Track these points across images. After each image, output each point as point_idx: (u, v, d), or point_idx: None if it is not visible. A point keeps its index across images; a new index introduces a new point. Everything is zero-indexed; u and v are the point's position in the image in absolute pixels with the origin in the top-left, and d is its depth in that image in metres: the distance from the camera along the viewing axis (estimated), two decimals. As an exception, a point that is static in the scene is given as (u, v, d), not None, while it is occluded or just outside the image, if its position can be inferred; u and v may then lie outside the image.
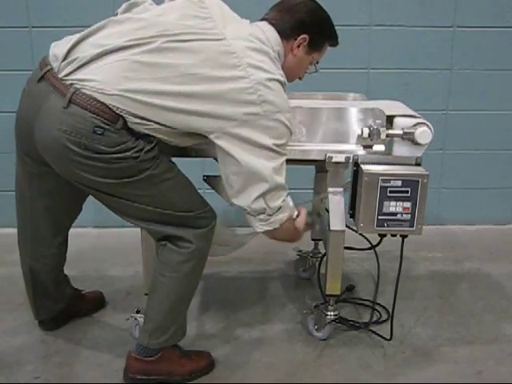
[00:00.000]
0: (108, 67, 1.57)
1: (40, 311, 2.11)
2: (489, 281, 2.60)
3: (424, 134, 1.85)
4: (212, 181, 2.02)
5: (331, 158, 1.90)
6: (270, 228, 1.72)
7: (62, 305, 2.14)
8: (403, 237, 1.93)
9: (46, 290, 2.07)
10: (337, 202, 1.94)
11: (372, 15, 2.88)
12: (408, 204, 1.83)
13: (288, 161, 2.00)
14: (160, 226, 1.75)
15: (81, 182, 1.67)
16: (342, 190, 1.95)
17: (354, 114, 1.90)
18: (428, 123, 1.87)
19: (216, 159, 1.71)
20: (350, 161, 1.91)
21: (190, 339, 2.11)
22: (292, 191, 3.07)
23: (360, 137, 1.89)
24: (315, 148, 1.92)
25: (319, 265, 2.35)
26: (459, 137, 3.09)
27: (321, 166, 2.20)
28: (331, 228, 1.94)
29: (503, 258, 2.84)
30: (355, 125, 1.90)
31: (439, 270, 2.71)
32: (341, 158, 1.90)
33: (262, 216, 1.71)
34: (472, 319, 2.27)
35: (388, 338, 2.10)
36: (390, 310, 2.12)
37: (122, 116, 1.57)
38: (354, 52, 2.92)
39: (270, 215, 1.71)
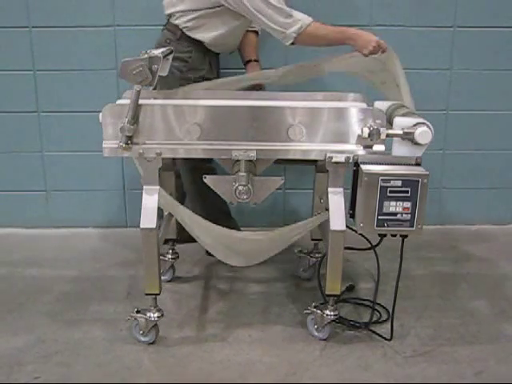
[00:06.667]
0: None
1: None
2: (489, 281, 2.60)
3: (424, 134, 1.85)
4: (212, 181, 2.02)
5: (331, 158, 1.90)
6: (290, 39, 2.17)
7: None
8: (403, 237, 1.93)
9: None
10: (337, 202, 1.95)
11: (372, 15, 2.88)
12: (408, 204, 1.83)
13: (288, 161, 2.01)
14: None
15: None
16: (341, 189, 1.95)
17: (354, 114, 1.90)
18: (428, 123, 1.87)
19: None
20: (350, 161, 1.91)
21: (190, 339, 2.11)
22: (292, 191, 3.12)
23: (360, 137, 1.89)
24: (315, 148, 1.92)
25: (319, 265, 2.36)
26: (459, 137, 3.09)
27: (321, 166, 2.20)
28: (331, 228, 1.94)
29: (503, 257, 2.84)
30: (355, 125, 1.90)
31: (439, 270, 2.71)
32: (341, 158, 1.90)
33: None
34: (472, 319, 2.26)
35: (388, 337, 2.10)
36: (390, 310, 2.13)
37: None
38: (354, 52, 2.92)
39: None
